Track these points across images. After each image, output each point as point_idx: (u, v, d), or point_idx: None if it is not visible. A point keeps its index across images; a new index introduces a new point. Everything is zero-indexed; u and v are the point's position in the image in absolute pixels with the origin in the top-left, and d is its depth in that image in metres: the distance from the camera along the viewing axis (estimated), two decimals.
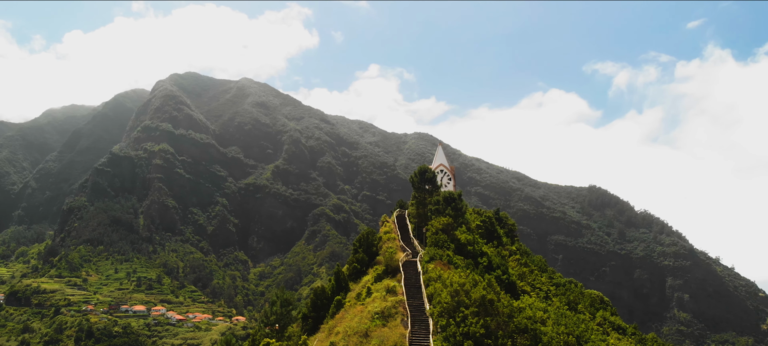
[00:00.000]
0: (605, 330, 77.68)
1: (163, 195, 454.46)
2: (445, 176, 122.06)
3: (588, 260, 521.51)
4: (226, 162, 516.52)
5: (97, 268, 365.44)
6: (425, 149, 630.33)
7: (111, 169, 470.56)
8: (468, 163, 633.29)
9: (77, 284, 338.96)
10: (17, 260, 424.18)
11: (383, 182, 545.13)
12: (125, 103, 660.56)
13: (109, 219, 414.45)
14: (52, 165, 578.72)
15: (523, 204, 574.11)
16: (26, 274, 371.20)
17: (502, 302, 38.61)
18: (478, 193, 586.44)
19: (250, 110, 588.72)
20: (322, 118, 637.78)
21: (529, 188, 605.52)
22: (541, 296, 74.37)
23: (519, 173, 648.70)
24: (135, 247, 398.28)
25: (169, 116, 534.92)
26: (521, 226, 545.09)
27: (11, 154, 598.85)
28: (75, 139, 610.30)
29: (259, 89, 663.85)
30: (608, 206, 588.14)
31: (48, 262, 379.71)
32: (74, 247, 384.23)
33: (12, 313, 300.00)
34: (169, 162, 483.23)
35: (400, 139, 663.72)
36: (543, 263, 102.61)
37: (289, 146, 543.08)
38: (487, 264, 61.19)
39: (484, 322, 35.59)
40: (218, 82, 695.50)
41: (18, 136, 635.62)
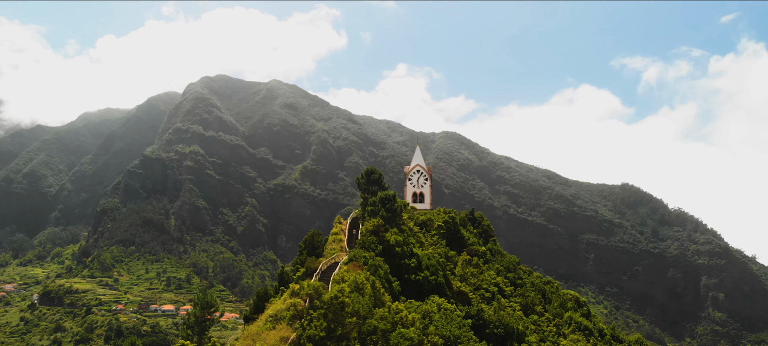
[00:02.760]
0: (560, 332, 77.56)
1: (194, 196, 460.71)
2: (422, 176, 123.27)
3: (620, 260, 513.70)
4: (255, 163, 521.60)
5: (128, 268, 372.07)
6: (453, 148, 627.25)
7: (143, 171, 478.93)
8: (497, 162, 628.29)
9: (108, 284, 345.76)
10: (53, 261, 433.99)
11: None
12: (158, 106, 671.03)
13: (141, 220, 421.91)
14: (87, 167, 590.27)
15: (554, 203, 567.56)
16: (60, 274, 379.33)
17: (358, 303, 37.70)
18: (507, 192, 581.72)
19: (278, 112, 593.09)
20: (349, 118, 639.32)
21: (559, 187, 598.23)
22: (486, 297, 74.03)
23: (549, 171, 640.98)
24: (166, 247, 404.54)
25: (200, 118, 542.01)
26: (552, 225, 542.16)
27: (48, 157, 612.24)
28: (109, 142, 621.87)
29: (287, 91, 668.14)
30: (641, 203, 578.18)
31: (81, 262, 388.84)
32: (107, 248, 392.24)
33: (45, 312, 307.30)
34: (200, 163, 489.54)
35: (428, 139, 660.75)
36: (513, 265, 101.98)
37: (316, 147, 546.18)
38: (415, 265, 61.05)
39: (327, 324, 34.98)
40: (248, 84, 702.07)
41: (54, 139, 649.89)
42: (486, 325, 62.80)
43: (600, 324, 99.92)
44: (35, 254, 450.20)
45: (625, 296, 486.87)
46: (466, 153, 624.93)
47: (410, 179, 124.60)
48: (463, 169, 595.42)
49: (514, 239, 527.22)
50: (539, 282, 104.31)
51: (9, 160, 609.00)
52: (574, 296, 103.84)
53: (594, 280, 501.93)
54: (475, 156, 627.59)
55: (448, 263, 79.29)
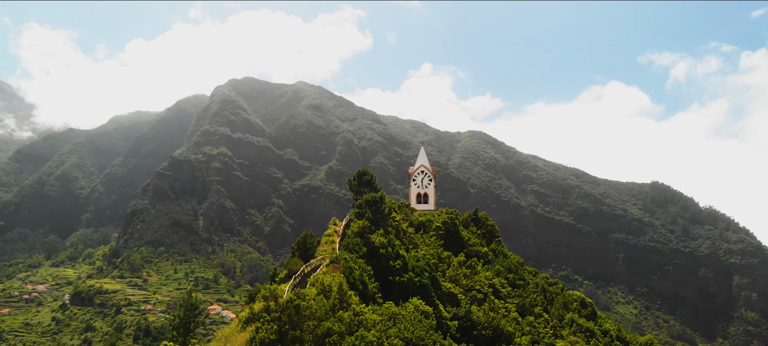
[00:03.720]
0: (557, 333, 76.73)
1: (222, 197, 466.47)
2: (426, 176, 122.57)
3: (650, 259, 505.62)
4: (281, 164, 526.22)
5: (157, 268, 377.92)
6: (479, 148, 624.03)
7: (172, 172, 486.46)
8: (523, 161, 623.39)
9: (138, 284, 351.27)
10: (84, 262, 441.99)
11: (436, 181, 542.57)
12: (186, 108, 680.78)
13: (170, 221, 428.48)
14: (117, 170, 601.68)
15: (582, 202, 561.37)
16: (91, 275, 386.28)
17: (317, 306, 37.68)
18: (534, 191, 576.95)
19: (304, 113, 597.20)
20: (374, 118, 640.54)
21: (588, 185, 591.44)
22: (478, 299, 73.51)
23: (577, 169, 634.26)
24: (194, 248, 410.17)
25: (227, 121, 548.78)
26: (580, 224, 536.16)
27: (79, 160, 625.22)
28: (139, 145, 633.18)
29: (313, 92, 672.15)
30: (671, 202, 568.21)
31: (111, 263, 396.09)
32: (136, 248, 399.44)
33: (76, 312, 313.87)
34: (228, 165, 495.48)
35: (454, 138, 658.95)
36: (514, 266, 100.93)
37: (342, 147, 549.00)
38: (400, 267, 60.96)
39: (278, 327, 34.93)
40: (274, 86, 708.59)
41: (86, 142, 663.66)
42: (474, 326, 62.83)
43: (606, 325, 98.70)
44: (67, 255, 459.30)
45: (656, 296, 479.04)
46: (492, 152, 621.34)
47: (414, 180, 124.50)
48: (489, 169, 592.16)
49: (541, 239, 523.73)
50: (544, 283, 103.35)
51: (42, 163, 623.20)
52: (580, 296, 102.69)
53: (624, 280, 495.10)
54: (501, 155, 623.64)
55: (440, 265, 79.35)
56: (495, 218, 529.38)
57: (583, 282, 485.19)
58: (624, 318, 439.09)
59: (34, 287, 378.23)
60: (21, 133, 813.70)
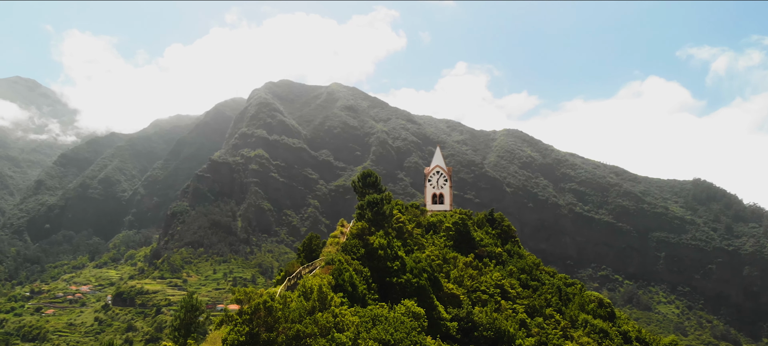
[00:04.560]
0: (567, 334, 75.50)
1: (259, 198, 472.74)
2: (442, 177, 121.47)
3: (693, 258, 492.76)
4: (317, 165, 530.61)
5: (197, 269, 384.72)
6: (515, 146, 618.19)
7: (211, 175, 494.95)
8: (561, 159, 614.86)
9: (178, 285, 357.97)
10: (126, 263, 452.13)
11: (471, 181, 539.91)
12: (225, 111, 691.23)
13: (209, 222, 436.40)
14: (158, 172, 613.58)
15: (622, 200, 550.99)
16: (133, 276, 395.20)
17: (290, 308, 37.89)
18: (572, 189, 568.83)
19: (339, 114, 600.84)
20: (408, 118, 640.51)
21: (628, 183, 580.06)
22: (483, 300, 72.84)
23: (617, 167, 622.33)
24: (233, 248, 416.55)
25: (264, 123, 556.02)
26: (620, 223, 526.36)
27: (121, 163, 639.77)
28: (179, 148, 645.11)
29: (347, 93, 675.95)
30: (714, 199, 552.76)
31: (152, 264, 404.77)
32: (176, 249, 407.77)
33: (118, 313, 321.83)
34: (264, 167, 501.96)
35: (489, 137, 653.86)
36: (529, 266, 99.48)
37: (376, 148, 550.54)
38: (399, 268, 60.78)
39: (250, 329, 35.09)
40: (310, 88, 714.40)
41: (128, 146, 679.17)
42: (475, 327, 62.70)
43: (625, 326, 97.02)
44: (110, 257, 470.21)
45: (698, 296, 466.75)
46: (528, 150, 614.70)
47: (430, 180, 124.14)
48: (525, 167, 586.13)
49: (580, 238, 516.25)
50: (561, 284, 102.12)
51: (85, 167, 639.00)
52: (598, 297, 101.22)
53: (665, 279, 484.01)
54: (538, 153, 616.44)
55: (445, 266, 79.19)
56: (532, 217, 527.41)
57: (623, 282, 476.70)
58: (666, 318, 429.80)
59: (78, 288, 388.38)
60: (65, 137, 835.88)
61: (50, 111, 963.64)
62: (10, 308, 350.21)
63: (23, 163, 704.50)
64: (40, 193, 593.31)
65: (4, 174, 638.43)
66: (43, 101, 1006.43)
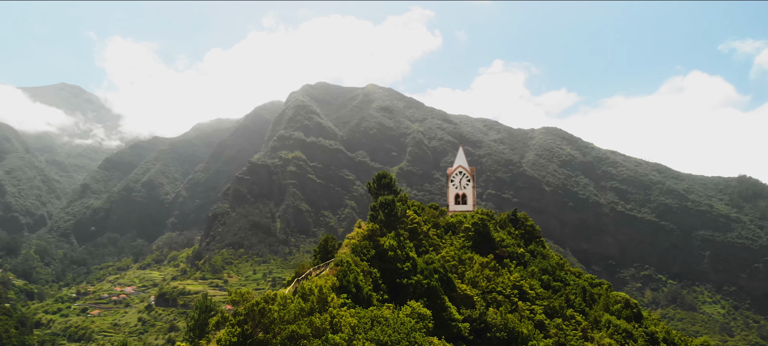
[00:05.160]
0: (587, 335, 74.05)
1: (297, 200, 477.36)
2: (464, 177, 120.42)
3: (739, 256, 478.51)
4: (353, 166, 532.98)
5: (237, 269, 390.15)
6: (554, 144, 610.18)
7: (250, 177, 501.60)
8: (602, 157, 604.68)
9: (219, 285, 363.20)
10: (169, 264, 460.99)
11: (509, 180, 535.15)
12: (263, 114, 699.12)
13: (249, 224, 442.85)
14: (200, 175, 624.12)
15: (665, 198, 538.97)
16: (175, 277, 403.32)
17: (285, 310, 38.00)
18: (614, 188, 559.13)
19: (375, 115, 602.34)
20: (444, 118, 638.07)
21: (671, 181, 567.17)
22: (498, 301, 71.98)
23: (659, 164, 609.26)
24: (272, 249, 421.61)
25: (301, 125, 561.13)
26: (663, 221, 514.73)
27: (164, 166, 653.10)
28: (220, 151, 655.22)
29: (383, 94, 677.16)
30: (761, 196, 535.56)
31: (194, 265, 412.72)
32: (217, 250, 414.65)
33: (160, 313, 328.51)
34: (302, 168, 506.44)
35: (527, 135, 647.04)
36: (552, 267, 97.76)
37: (412, 148, 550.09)
38: (409, 269, 60.52)
39: (241, 330, 35.29)
40: (346, 90, 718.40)
41: (170, 149, 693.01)
42: (488, 328, 62.47)
43: (653, 327, 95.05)
44: (153, 258, 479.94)
45: (745, 296, 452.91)
46: (568, 149, 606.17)
47: (452, 181, 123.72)
48: (565, 166, 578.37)
49: (622, 237, 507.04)
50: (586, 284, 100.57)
51: (129, 171, 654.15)
52: (624, 298, 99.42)
53: (710, 279, 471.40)
54: (578, 151, 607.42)
55: (460, 266, 78.89)
56: (572, 216, 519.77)
57: (667, 282, 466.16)
58: (711, 318, 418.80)
59: (123, 289, 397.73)
60: (109, 142, 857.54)
61: (95, 116, 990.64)
62: (57, 309, 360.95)
63: (69, 168, 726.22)
64: (86, 196, 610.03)
65: (51, 178, 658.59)
66: (87, 107, 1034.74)
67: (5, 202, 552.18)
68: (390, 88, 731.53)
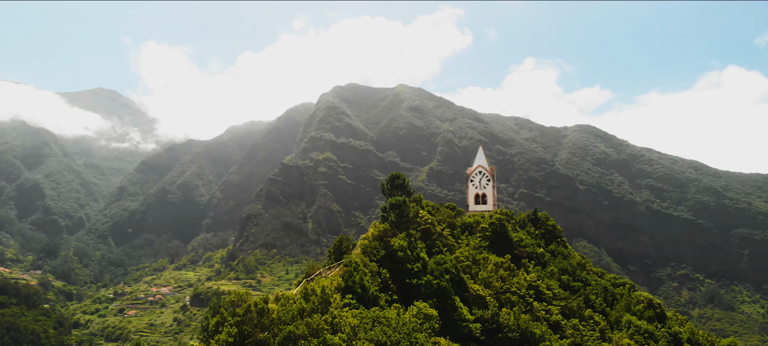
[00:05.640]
0: (604, 336, 72.83)
1: (328, 200, 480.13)
2: (484, 177, 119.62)
3: None
4: (383, 166, 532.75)
5: (270, 269, 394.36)
6: (588, 142, 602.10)
7: (282, 178, 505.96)
8: (637, 155, 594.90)
9: (252, 285, 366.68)
10: (204, 265, 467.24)
11: (541, 179, 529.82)
12: (295, 116, 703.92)
13: (282, 224, 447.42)
14: (234, 177, 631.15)
15: (702, 196, 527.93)
16: (210, 277, 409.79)
17: (284, 310, 38.30)
18: (649, 186, 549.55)
19: (404, 115, 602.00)
20: (475, 117, 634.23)
21: (708, 178, 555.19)
22: (512, 301, 71.32)
23: (696, 161, 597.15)
24: (304, 249, 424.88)
25: (332, 126, 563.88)
26: (700, 219, 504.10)
27: (199, 169, 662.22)
28: (253, 153, 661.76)
29: (413, 94, 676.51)
30: None
31: (228, 265, 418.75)
32: (251, 251, 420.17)
33: (195, 313, 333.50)
34: (333, 169, 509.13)
35: (560, 133, 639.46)
36: (572, 267, 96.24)
37: (442, 148, 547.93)
38: (419, 269, 60.44)
39: (240, 330, 35.57)
40: (375, 91, 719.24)
41: (205, 152, 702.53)
42: (500, 329, 62.32)
43: (676, 327, 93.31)
44: (189, 259, 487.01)
45: None
46: (602, 146, 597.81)
47: (472, 181, 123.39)
48: (599, 164, 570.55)
49: (658, 236, 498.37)
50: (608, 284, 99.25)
51: (165, 173, 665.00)
52: (647, 298, 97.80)
53: (749, 278, 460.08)
54: (612, 149, 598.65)
55: (473, 266, 78.64)
56: (607, 215, 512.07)
57: (704, 281, 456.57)
58: (750, 318, 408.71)
59: (159, 289, 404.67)
60: (145, 145, 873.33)
61: (131, 120, 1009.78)
62: (95, 310, 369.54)
63: (107, 171, 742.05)
64: (123, 199, 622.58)
65: (89, 182, 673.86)
66: (124, 111, 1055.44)
67: (45, 205, 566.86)
68: (420, 88, 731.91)
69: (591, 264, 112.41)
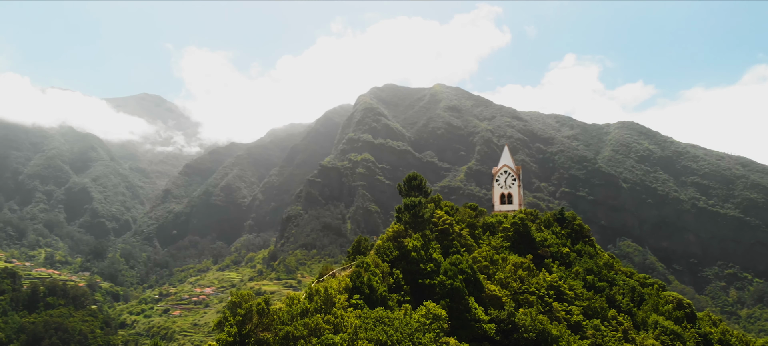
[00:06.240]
0: (627, 336, 71.28)
1: (367, 201, 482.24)
2: (510, 176, 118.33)
3: None
4: (421, 166, 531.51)
5: (310, 270, 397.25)
6: (631, 139, 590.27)
7: (321, 179, 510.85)
8: (682, 151, 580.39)
9: (292, 285, 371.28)
10: (246, 265, 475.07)
11: (583, 177, 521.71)
12: (333, 118, 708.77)
13: (321, 225, 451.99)
14: (274, 179, 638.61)
15: (750, 192, 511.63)
16: (252, 277, 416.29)
17: (284, 309, 38.79)
18: (694, 183, 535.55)
19: (442, 115, 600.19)
20: (514, 115, 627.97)
21: (756, 175, 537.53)
22: (529, 301, 70.50)
23: (743, 157, 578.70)
24: (343, 250, 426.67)
25: (369, 127, 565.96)
26: (748, 217, 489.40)
27: (241, 171, 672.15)
28: (293, 155, 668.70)
29: (450, 93, 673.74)
30: None
31: (269, 266, 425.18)
32: (291, 251, 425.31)
33: None
34: (371, 170, 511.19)
35: (602, 130, 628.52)
36: (598, 267, 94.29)
37: (481, 147, 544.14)
38: (432, 270, 60.33)
39: (239, 329, 36.13)
40: (413, 91, 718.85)
41: (246, 154, 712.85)
42: (516, 329, 62.13)
43: (707, 328, 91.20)
44: (232, 260, 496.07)
45: None
46: (645, 143, 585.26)
47: (497, 180, 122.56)
48: (642, 161, 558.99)
49: (705, 234, 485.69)
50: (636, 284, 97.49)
51: (208, 176, 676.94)
52: (677, 298, 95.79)
53: None
54: (656, 146, 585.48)
55: (491, 267, 78.30)
56: (651, 213, 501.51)
57: (753, 280, 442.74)
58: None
59: (202, 289, 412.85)
60: (189, 149, 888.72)
61: (175, 124, 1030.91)
62: (141, 310, 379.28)
63: (152, 174, 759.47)
64: (168, 201, 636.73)
65: (135, 185, 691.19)
66: (168, 115, 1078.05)
67: (92, 208, 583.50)
68: (457, 87, 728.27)
69: (620, 264, 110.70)
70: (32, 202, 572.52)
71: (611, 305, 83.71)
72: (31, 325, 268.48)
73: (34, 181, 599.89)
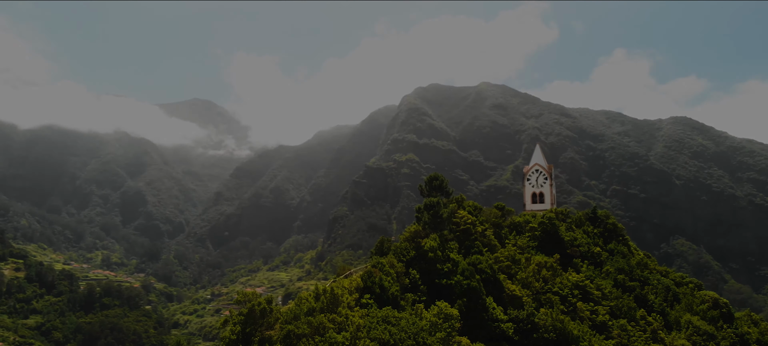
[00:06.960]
0: (656, 337, 69.32)
1: (412, 201, 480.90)
2: (541, 175, 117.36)
3: None
4: (467, 166, 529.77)
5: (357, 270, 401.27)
6: (684, 134, 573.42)
7: (366, 180, 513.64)
8: (737, 146, 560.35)
9: None
10: (295, 265, 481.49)
11: (635, 175, 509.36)
12: (378, 119, 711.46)
13: (367, 226, 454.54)
14: (321, 180, 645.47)
15: None
16: (301, 277, 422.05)
17: (289, 309, 39.22)
18: (751, 179, 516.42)
19: (488, 113, 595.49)
20: (562, 112, 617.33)
21: None
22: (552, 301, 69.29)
23: None
24: None
25: (414, 127, 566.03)
26: None
27: (289, 173, 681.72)
28: (339, 156, 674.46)
29: (496, 91, 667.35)
30: None
31: (317, 266, 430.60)
32: (338, 252, 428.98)
33: None
34: (415, 170, 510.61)
35: (654, 126, 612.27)
36: (630, 267, 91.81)
37: (528, 145, 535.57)
38: (449, 270, 59.99)
39: (241, 328, 36.68)
40: (458, 90, 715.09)
41: (294, 157, 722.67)
42: (535, 329, 61.74)
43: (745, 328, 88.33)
44: (281, 260, 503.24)
45: None
46: (699, 139, 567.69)
47: (528, 179, 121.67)
48: (696, 157, 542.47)
49: (763, 232, 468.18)
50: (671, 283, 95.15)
51: (258, 178, 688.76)
52: (713, 297, 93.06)
53: None
54: (710, 141, 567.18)
55: (513, 267, 77.72)
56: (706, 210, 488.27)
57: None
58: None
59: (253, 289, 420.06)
60: (240, 152, 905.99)
61: (225, 128, 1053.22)
62: (193, 310, 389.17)
63: (204, 177, 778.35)
64: (219, 203, 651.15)
65: (188, 188, 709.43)
66: (219, 120, 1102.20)
67: (147, 211, 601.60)
68: (503, 84, 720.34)
69: (655, 262, 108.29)
70: (89, 206, 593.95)
71: (642, 305, 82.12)
72: (87, 325, 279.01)
73: (91, 185, 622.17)
